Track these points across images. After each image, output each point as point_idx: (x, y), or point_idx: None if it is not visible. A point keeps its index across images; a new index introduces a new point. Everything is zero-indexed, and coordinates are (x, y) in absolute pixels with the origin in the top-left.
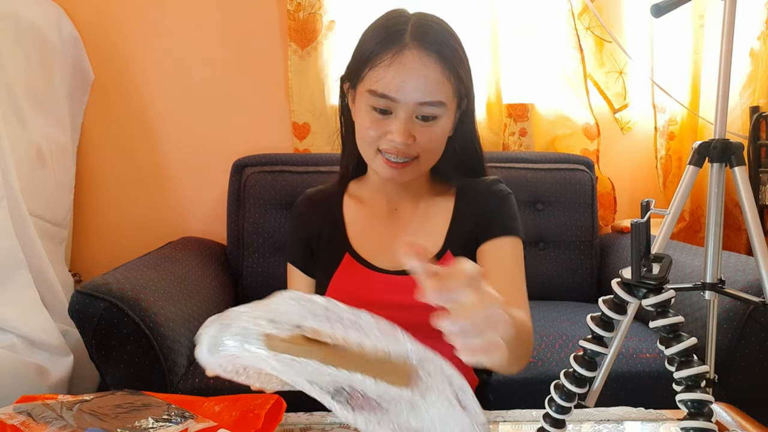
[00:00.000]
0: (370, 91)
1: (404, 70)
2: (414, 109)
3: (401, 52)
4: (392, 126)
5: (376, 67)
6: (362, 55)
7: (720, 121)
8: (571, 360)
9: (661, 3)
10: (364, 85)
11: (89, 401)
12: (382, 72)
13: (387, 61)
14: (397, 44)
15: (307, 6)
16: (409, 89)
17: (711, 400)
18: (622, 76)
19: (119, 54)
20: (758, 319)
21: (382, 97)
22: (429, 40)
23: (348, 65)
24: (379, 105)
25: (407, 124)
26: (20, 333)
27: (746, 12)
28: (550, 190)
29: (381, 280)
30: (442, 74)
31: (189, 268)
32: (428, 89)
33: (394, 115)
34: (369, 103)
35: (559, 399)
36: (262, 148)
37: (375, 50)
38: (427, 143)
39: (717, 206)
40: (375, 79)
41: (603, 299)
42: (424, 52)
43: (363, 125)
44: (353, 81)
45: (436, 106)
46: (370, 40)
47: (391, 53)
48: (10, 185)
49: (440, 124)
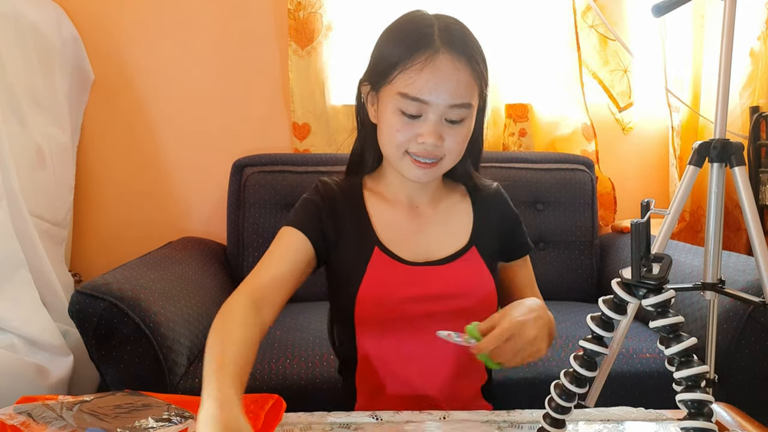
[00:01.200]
0: (401, 93)
1: (438, 73)
2: (444, 111)
3: (434, 56)
4: (422, 128)
5: (408, 70)
6: (389, 58)
7: (720, 121)
8: (571, 360)
9: (661, 3)
10: (393, 87)
11: (89, 402)
12: (415, 75)
13: (420, 65)
14: (429, 48)
15: (307, 6)
16: (441, 92)
17: (711, 400)
18: (626, 75)
19: (119, 54)
20: (758, 319)
21: (414, 100)
22: (458, 44)
23: (369, 68)
24: (410, 109)
25: (437, 126)
26: (20, 333)
27: (746, 12)
28: (550, 190)
29: (413, 272)
30: (471, 77)
31: (189, 268)
32: (459, 92)
33: (424, 118)
34: (399, 106)
35: (559, 399)
36: (262, 148)
37: (405, 53)
38: (454, 145)
39: (717, 206)
40: (407, 82)
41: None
42: (456, 57)
43: (392, 128)
44: (377, 83)
45: (465, 108)
46: (397, 44)
47: (423, 57)
48: (10, 185)
49: (467, 125)
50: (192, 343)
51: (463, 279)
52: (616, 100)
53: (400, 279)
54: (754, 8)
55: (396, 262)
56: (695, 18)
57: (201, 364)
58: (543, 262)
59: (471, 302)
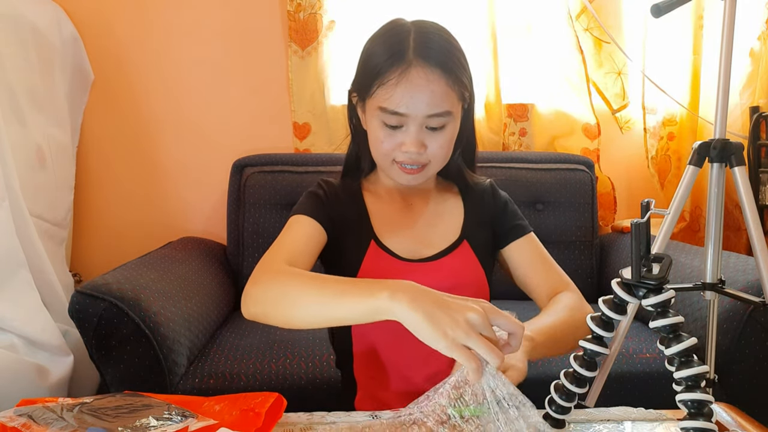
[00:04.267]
0: (381, 108)
1: (411, 87)
2: (423, 121)
3: (407, 70)
4: (405, 138)
5: (384, 85)
6: (370, 71)
7: (720, 121)
8: (571, 360)
9: (660, 3)
10: (374, 101)
11: (89, 403)
12: (391, 90)
13: (395, 80)
14: (402, 63)
15: (307, 6)
16: (417, 104)
17: (711, 400)
18: (620, 77)
19: (119, 54)
20: (758, 319)
21: (393, 114)
22: (432, 55)
23: (355, 79)
24: (391, 121)
25: (418, 135)
26: (20, 333)
27: (746, 12)
28: (550, 190)
29: (406, 268)
30: (446, 86)
31: (189, 268)
32: (435, 102)
33: (405, 128)
34: (380, 119)
35: (559, 399)
36: (262, 148)
37: (382, 68)
38: (438, 150)
39: (717, 206)
40: (384, 97)
41: (603, 299)
42: (428, 68)
43: (377, 139)
44: (362, 95)
45: (444, 116)
46: (376, 57)
47: (398, 71)
48: (10, 185)
49: (449, 130)
50: (192, 343)
51: (455, 272)
52: (609, 102)
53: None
54: (754, 8)
55: (391, 257)
56: (694, 18)
57: (201, 364)
58: None
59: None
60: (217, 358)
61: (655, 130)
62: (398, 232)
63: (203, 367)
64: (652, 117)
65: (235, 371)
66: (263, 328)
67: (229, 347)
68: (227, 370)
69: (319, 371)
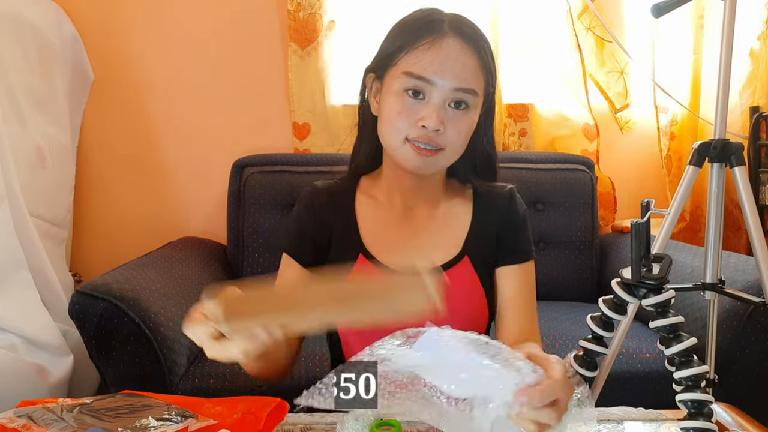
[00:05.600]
0: (406, 73)
1: (443, 54)
2: (448, 94)
3: (441, 38)
4: (425, 111)
5: (414, 50)
6: (396, 43)
7: (720, 121)
8: (572, 360)
9: (661, 3)
10: (398, 68)
11: (89, 403)
12: (421, 54)
13: (426, 45)
14: (437, 31)
15: (307, 6)
16: (446, 73)
17: (711, 400)
18: (623, 76)
19: (119, 54)
20: (758, 319)
21: (419, 79)
22: (467, 32)
23: (376, 56)
24: (416, 85)
25: (440, 110)
26: (20, 333)
27: (746, 12)
28: (550, 190)
29: None
30: (477, 65)
31: (189, 268)
32: (464, 76)
33: (428, 100)
34: (403, 86)
35: None
36: (262, 148)
37: (413, 37)
38: (455, 134)
39: (717, 206)
40: (412, 62)
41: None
42: (464, 41)
43: (393, 111)
44: (382, 69)
45: (470, 93)
46: (406, 31)
47: (431, 38)
48: (10, 185)
49: (470, 115)
50: (192, 343)
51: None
52: (612, 102)
53: None
54: (754, 8)
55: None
56: (694, 18)
57: (201, 364)
58: (543, 262)
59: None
60: None
61: (667, 129)
62: (391, 242)
63: (203, 367)
64: (664, 116)
65: (235, 371)
66: None
67: None
68: (227, 370)
69: (319, 371)
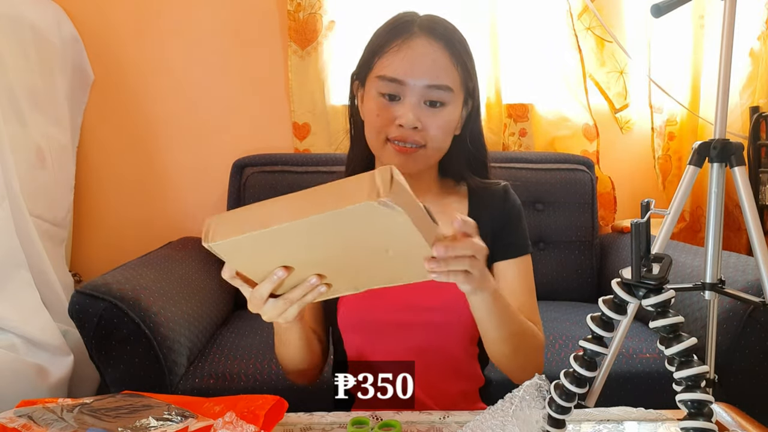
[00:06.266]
0: (379, 76)
1: (412, 54)
2: (422, 92)
3: (410, 39)
4: (401, 110)
5: (386, 54)
6: (373, 46)
7: (720, 121)
8: (571, 360)
9: (661, 3)
10: (373, 73)
11: (89, 403)
12: (392, 57)
13: (396, 48)
14: (406, 33)
15: (307, 6)
16: (417, 72)
17: (711, 400)
18: (623, 76)
19: (119, 54)
20: (758, 319)
21: (391, 81)
22: (437, 30)
23: (358, 63)
24: (389, 90)
25: (416, 108)
26: (20, 333)
27: (746, 12)
28: (550, 190)
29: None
30: (449, 61)
31: (189, 268)
32: (435, 73)
33: (403, 100)
34: (378, 89)
35: (559, 399)
36: (262, 148)
37: (384, 40)
38: (435, 130)
39: (717, 206)
40: (385, 65)
41: (603, 299)
42: (432, 39)
43: (372, 113)
44: (362, 75)
45: (444, 90)
46: (380, 35)
47: (399, 40)
48: (10, 185)
49: (448, 110)
50: (192, 343)
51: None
52: (611, 102)
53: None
54: (754, 8)
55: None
56: (694, 18)
57: (201, 364)
58: (543, 262)
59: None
60: (217, 358)
61: (661, 130)
62: None
63: (203, 367)
64: (659, 116)
65: (235, 371)
66: (263, 329)
67: (229, 347)
68: (227, 370)
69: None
